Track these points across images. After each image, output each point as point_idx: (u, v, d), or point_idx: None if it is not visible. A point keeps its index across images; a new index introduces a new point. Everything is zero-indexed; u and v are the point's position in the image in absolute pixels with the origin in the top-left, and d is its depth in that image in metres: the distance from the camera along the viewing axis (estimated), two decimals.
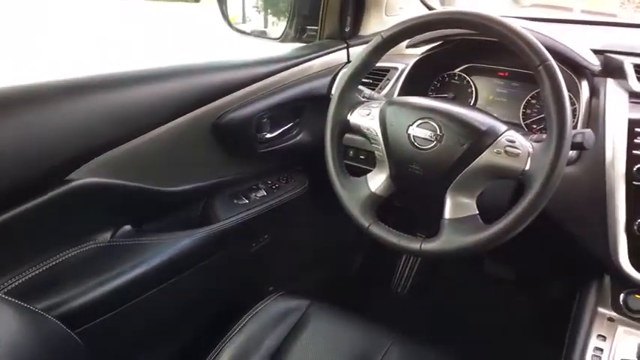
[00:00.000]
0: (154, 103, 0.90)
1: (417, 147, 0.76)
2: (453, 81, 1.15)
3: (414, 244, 0.75)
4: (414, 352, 0.90)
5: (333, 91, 1.11)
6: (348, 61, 1.23)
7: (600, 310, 0.91)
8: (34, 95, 0.76)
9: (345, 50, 1.25)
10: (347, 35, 1.29)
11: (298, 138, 1.20)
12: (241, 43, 1.37)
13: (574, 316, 0.94)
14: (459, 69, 1.14)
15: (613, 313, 0.90)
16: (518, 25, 0.70)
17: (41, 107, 0.76)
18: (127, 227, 0.93)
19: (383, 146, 0.81)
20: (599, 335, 0.86)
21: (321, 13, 1.28)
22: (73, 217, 0.83)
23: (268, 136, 1.15)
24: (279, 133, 1.17)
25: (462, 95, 1.13)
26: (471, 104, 1.12)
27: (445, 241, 0.73)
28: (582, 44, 0.94)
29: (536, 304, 1.46)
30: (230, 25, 1.34)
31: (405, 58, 1.12)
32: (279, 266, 1.37)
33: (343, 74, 0.87)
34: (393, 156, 0.80)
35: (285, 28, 1.34)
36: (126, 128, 0.86)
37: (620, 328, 0.86)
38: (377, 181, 0.82)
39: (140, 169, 0.90)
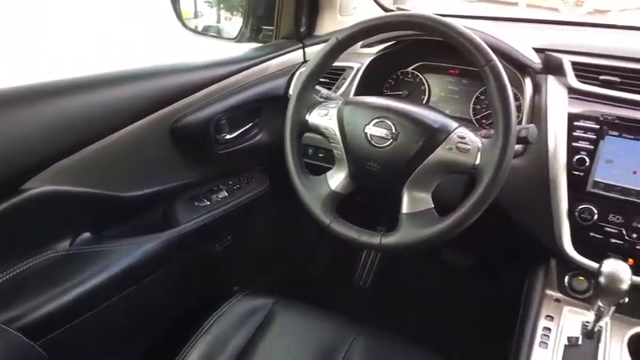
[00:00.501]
0: (110, 107, 0.88)
1: (373, 145, 0.78)
2: (406, 79, 1.19)
3: (374, 239, 0.78)
4: (378, 342, 0.93)
5: (290, 92, 1.13)
6: (305, 61, 1.25)
7: (548, 292, 0.97)
8: None
9: (302, 50, 1.26)
10: (302, 35, 1.30)
11: (258, 138, 1.21)
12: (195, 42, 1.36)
13: (524, 299, 1.00)
14: (412, 67, 1.18)
15: (559, 295, 0.97)
16: (465, 27, 0.73)
17: None
18: (87, 234, 0.92)
19: (341, 145, 0.83)
20: (548, 316, 0.92)
21: (276, 13, 1.28)
22: (29, 227, 0.80)
23: (228, 137, 1.15)
24: (238, 134, 1.17)
25: (416, 92, 1.17)
26: (425, 101, 1.16)
27: (403, 234, 0.76)
28: (525, 43, 0.99)
29: (490, 291, 1.53)
30: (184, 25, 1.32)
31: (360, 57, 1.14)
32: (244, 266, 1.37)
33: (300, 75, 0.88)
34: (351, 154, 0.82)
35: (241, 28, 1.33)
36: (82, 134, 0.84)
37: (566, 308, 0.93)
38: (336, 179, 0.85)
39: (98, 174, 0.89)
